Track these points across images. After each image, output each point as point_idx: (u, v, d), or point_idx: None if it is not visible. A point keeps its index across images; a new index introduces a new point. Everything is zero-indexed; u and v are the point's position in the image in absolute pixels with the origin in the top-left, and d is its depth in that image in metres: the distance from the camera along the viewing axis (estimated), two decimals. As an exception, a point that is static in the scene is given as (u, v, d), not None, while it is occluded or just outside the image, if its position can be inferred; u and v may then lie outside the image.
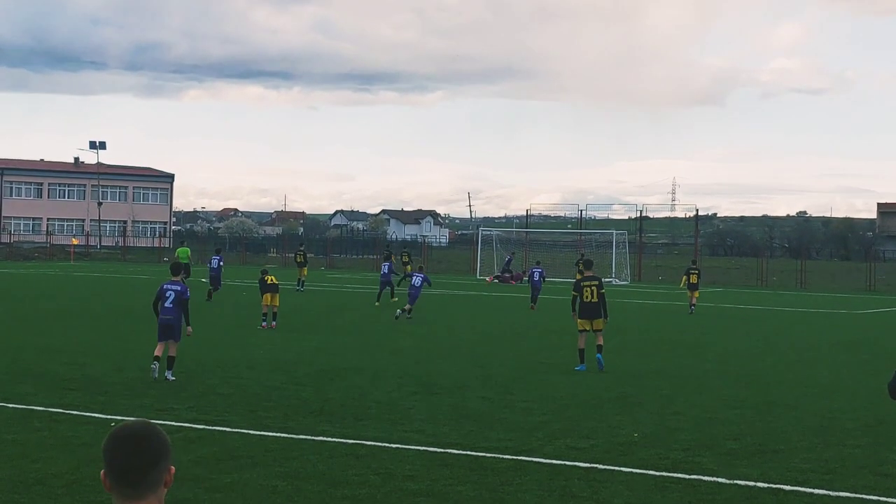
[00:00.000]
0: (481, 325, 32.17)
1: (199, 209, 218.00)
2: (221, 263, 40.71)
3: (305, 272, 49.25)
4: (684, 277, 41.33)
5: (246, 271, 61.92)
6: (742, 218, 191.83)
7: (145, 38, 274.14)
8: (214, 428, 13.72)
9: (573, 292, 21.81)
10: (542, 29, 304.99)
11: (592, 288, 21.42)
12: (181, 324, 17.93)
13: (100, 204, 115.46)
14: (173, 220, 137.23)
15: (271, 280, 29.17)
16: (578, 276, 23.61)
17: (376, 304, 39.52)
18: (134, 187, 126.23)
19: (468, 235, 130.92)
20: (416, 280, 34.14)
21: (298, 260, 49.78)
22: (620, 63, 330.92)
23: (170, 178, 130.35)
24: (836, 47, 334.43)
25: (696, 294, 40.35)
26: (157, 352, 17.94)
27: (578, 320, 21.47)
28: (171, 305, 17.90)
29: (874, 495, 10.90)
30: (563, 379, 19.71)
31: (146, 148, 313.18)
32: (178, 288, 18.04)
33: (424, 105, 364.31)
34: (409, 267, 61.55)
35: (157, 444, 3.29)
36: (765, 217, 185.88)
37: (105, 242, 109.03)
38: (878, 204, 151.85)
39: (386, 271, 41.08)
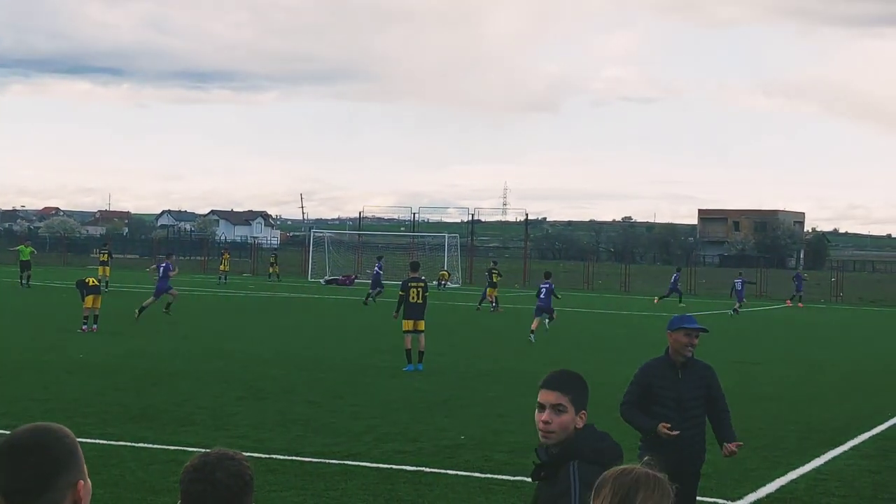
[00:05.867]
0: (311, 328, 31.97)
1: (18, 208, 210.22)
2: (381, 271, 46.94)
3: (108, 272, 49.27)
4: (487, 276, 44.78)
5: (67, 272, 59.92)
6: (570, 223, 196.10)
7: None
8: (28, 436, 13.19)
9: (400, 292, 22.28)
10: (380, 32, 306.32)
11: (418, 289, 21.90)
12: (551, 305, 30.68)
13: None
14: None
15: (93, 282, 28.73)
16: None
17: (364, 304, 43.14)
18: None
19: (300, 237, 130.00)
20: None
21: (102, 259, 50.56)
22: (458, 67, 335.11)
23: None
24: (666, 58, 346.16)
25: (495, 292, 43.29)
26: (534, 326, 29.62)
27: (403, 321, 21.90)
28: (544, 295, 30.22)
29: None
30: (392, 382, 19.74)
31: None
32: (549, 285, 30.46)
33: (259, 105, 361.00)
34: (276, 268, 64.50)
35: (46, 457, 2.67)
36: (592, 222, 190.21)
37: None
38: (700, 210, 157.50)
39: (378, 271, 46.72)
